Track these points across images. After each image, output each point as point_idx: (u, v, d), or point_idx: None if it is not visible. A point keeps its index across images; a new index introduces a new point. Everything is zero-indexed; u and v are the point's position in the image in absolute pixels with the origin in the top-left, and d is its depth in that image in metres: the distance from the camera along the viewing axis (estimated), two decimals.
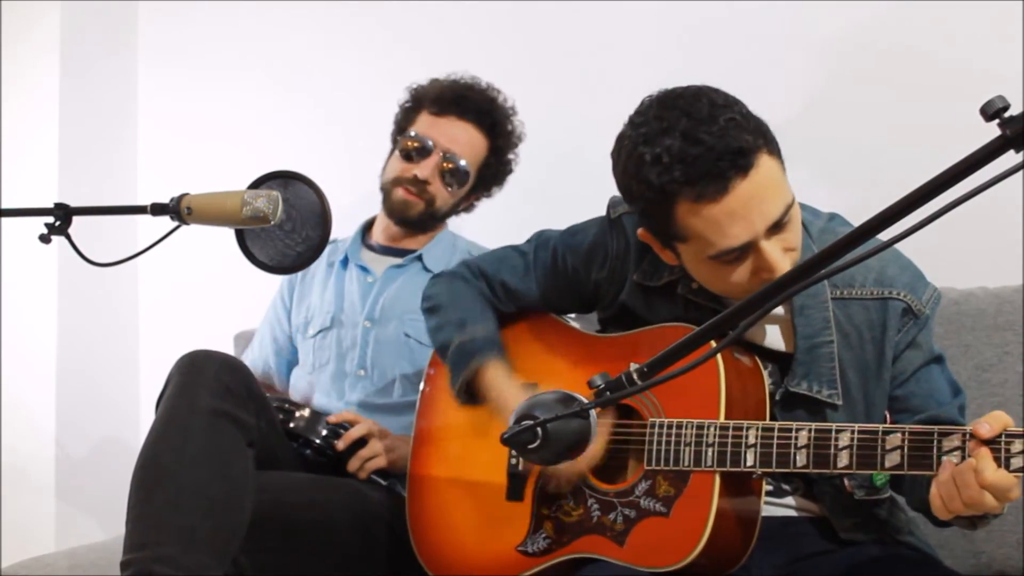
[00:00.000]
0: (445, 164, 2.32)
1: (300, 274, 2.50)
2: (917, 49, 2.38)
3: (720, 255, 1.49)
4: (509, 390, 1.73)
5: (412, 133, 2.35)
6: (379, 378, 2.32)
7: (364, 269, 2.42)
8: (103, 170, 3.17)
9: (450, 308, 1.89)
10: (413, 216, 2.35)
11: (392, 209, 2.37)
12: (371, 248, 2.46)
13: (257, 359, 2.51)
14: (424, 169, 2.31)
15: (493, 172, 2.42)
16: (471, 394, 1.81)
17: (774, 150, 1.49)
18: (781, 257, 1.49)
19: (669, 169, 1.44)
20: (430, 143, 2.32)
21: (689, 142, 1.43)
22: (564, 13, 2.75)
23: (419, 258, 2.39)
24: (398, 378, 2.30)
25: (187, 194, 1.53)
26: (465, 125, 2.35)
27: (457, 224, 2.52)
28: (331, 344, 2.37)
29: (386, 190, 2.37)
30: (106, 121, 3.22)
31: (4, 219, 2.49)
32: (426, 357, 2.27)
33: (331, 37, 3.03)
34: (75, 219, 1.53)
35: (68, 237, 1.53)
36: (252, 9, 3.15)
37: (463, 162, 2.34)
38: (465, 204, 2.45)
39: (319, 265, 2.47)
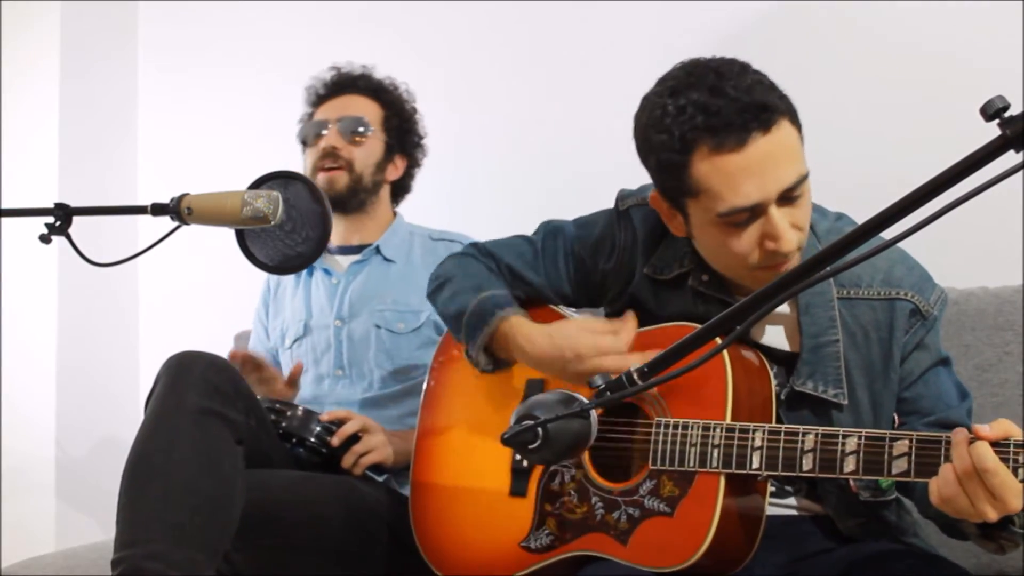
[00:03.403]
0: (343, 126, 2.37)
1: (272, 289, 2.53)
2: (917, 49, 2.38)
3: (729, 213, 1.48)
4: (535, 333, 1.69)
5: (308, 122, 2.43)
6: (357, 375, 2.33)
7: (327, 271, 2.43)
8: (103, 170, 3.18)
9: (462, 277, 1.86)
10: (341, 190, 2.35)
11: None
12: (330, 252, 2.47)
13: None
14: (327, 139, 2.37)
15: (398, 126, 2.44)
16: (492, 356, 1.77)
17: (796, 122, 1.51)
18: (788, 229, 1.49)
19: (692, 118, 1.46)
20: (325, 120, 2.40)
21: (715, 94, 1.45)
22: (567, 14, 2.75)
23: (377, 250, 2.41)
24: (375, 370, 2.31)
25: (187, 194, 1.53)
26: (348, 97, 2.43)
27: (461, 226, 2.52)
28: (307, 351, 2.39)
29: None
30: (106, 121, 3.22)
31: (4, 219, 2.49)
32: (399, 346, 2.30)
33: (331, 37, 3.03)
34: (75, 219, 1.53)
35: (68, 237, 1.53)
36: (252, 9, 3.16)
37: (359, 116, 2.39)
38: (393, 171, 2.44)
39: (288, 278, 2.49)
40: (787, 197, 1.48)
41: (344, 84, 2.45)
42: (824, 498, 1.64)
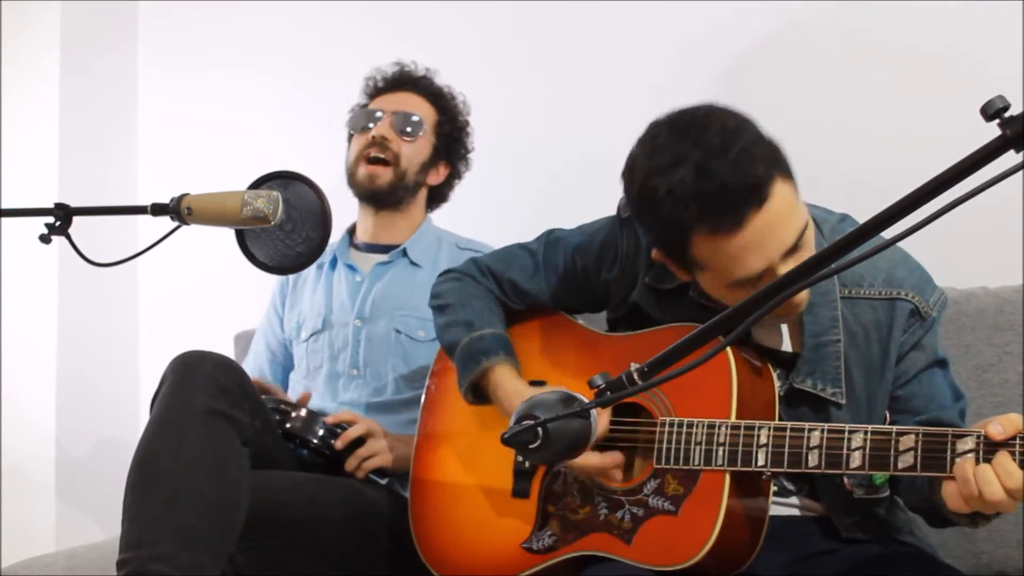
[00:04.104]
0: (397, 119, 2.37)
1: (291, 280, 2.52)
2: (917, 49, 2.38)
3: (736, 284, 1.49)
4: (517, 392, 1.73)
5: (361, 109, 2.43)
6: (372, 377, 2.32)
7: (352, 268, 2.42)
8: (103, 170, 3.17)
9: (458, 307, 1.88)
10: (383, 186, 2.35)
11: (361, 189, 2.37)
12: (357, 248, 2.47)
13: (253, 368, 2.51)
14: (379, 128, 2.36)
15: (449, 133, 2.44)
16: (479, 394, 1.81)
17: (787, 174, 1.48)
18: None
19: (684, 204, 1.43)
20: (379, 110, 2.39)
21: (703, 176, 1.42)
22: (565, 13, 2.75)
23: (404, 253, 2.40)
24: (391, 375, 2.30)
25: (187, 194, 1.53)
26: (406, 94, 2.43)
27: (462, 226, 2.52)
28: (323, 346, 2.38)
29: (351, 173, 2.39)
30: (106, 121, 3.22)
31: (4, 219, 2.49)
32: (417, 353, 2.29)
33: (331, 36, 3.03)
34: (75, 219, 1.53)
35: (68, 237, 1.53)
36: (252, 9, 3.15)
37: (414, 113, 2.39)
38: (435, 176, 2.44)
39: (309, 269, 2.46)
40: (791, 252, 1.48)
41: (404, 81, 2.44)
42: (821, 496, 1.65)
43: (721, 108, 1.49)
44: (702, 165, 1.42)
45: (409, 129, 2.37)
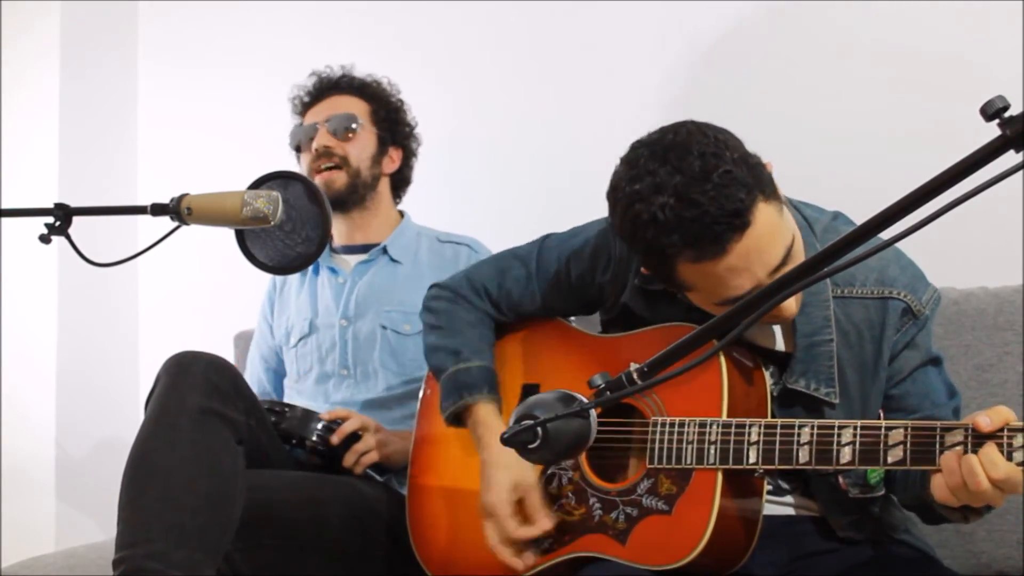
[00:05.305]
0: (332, 124, 2.39)
1: (277, 288, 2.53)
2: (917, 49, 2.38)
3: (725, 302, 1.49)
4: (496, 437, 1.71)
5: (297, 128, 2.45)
6: (361, 375, 2.33)
7: (333, 271, 2.43)
8: (103, 170, 3.18)
9: (448, 333, 1.89)
10: (341, 188, 2.37)
11: None
12: (336, 252, 2.48)
13: (251, 379, 2.52)
14: (318, 140, 2.38)
15: (386, 118, 2.46)
16: (460, 422, 1.82)
17: (770, 194, 1.47)
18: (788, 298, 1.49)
19: (667, 232, 1.43)
20: (314, 123, 2.41)
21: (684, 204, 1.41)
22: (565, 13, 2.75)
23: (384, 250, 2.41)
24: (380, 371, 2.31)
25: (187, 194, 1.53)
26: (333, 99, 2.45)
27: (459, 225, 2.52)
28: (312, 350, 2.39)
29: None
30: (106, 121, 3.22)
31: (4, 219, 2.49)
32: (404, 347, 2.30)
33: (332, 36, 3.03)
34: (75, 219, 1.53)
35: (68, 237, 1.53)
36: (252, 8, 3.16)
37: (346, 113, 2.40)
38: (389, 164, 2.46)
39: (293, 276, 2.49)
40: (778, 268, 1.48)
41: (327, 87, 2.46)
42: (816, 496, 1.65)
43: (701, 128, 1.48)
44: (683, 193, 1.42)
45: (349, 127, 2.39)
